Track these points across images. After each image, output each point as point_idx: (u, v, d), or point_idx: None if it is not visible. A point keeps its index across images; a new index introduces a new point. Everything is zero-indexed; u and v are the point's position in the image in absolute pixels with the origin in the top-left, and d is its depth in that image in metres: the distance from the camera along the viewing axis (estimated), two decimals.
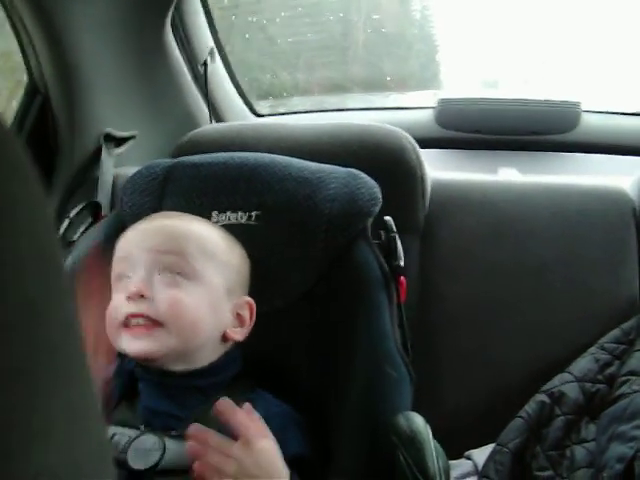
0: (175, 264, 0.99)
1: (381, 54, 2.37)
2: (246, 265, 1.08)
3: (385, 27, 2.31)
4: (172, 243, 1.00)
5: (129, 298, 0.97)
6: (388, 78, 2.35)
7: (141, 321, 0.97)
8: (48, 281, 0.31)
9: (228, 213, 1.14)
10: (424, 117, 2.01)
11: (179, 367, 1.00)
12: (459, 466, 1.22)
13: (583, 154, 1.91)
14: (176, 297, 0.98)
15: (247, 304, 1.05)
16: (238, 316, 1.05)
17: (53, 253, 0.32)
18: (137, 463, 0.94)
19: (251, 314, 1.06)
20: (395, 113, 2.13)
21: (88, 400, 0.34)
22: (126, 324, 0.98)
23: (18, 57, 1.47)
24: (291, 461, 0.94)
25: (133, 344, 0.97)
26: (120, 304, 0.99)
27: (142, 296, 0.97)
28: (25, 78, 1.48)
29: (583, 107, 1.96)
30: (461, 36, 2.37)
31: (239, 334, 1.04)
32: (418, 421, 0.93)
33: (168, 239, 1.00)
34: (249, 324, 1.05)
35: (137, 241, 1.02)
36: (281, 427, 0.96)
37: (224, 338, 1.03)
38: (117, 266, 1.02)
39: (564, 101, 1.98)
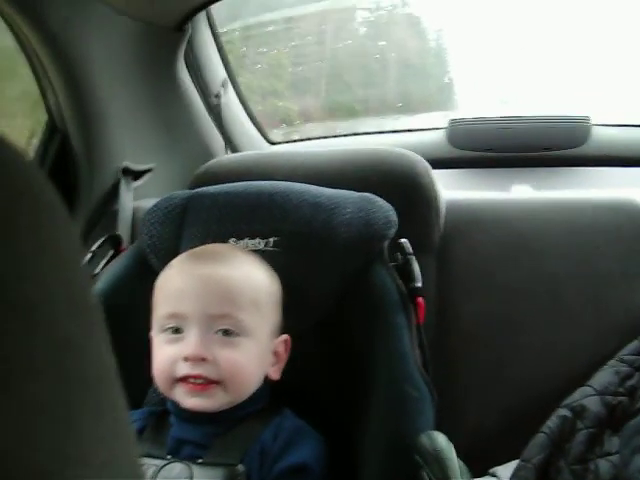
0: (231, 325, 1.00)
1: (392, 79, 2.40)
2: (281, 298, 1.09)
3: (394, 52, 2.34)
4: (226, 305, 1.00)
5: (188, 359, 0.99)
6: (399, 104, 2.38)
7: (199, 380, 0.99)
8: (80, 318, 0.34)
9: (246, 240, 1.16)
10: (436, 138, 2.03)
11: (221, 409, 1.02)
12: None
13: (595, 168, 1.93)
14: (233, 358, 0.99)
15: (284, 341, 1.08)
16: (276, 354, 1.07)
17: (84, 291, 0.34)
18: None
19: (286, 349, 1.08)
20: (407, 135, 2.15)
21: (122, 427, 0.36)
22: (183, 380, 0.99)
23: (37, 97, 1.50)
24: (292, 469, 0.96)
25: (190, 400, 1.00)
26: (174, 360, 1.00)
27: (202, 359, 0.98)
28: (45, 117, 1.52)
29: (593, 121, 1.97)
30: (469, 55, 2.40)
31: (277, 372, 1.07)
32: (441, 440, 0.93)
33: (221, 300, 1.00)
34: (284, 359, 1.08)
35: (189, 298, 1.01)
36: (287, 439, 0.99)
37: (265, 378, 1.06)
38: (166, 320, 1.02)
39: (573, 116, 2.00)
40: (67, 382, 0.31)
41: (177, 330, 1.01)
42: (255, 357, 1.02)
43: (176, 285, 1.04)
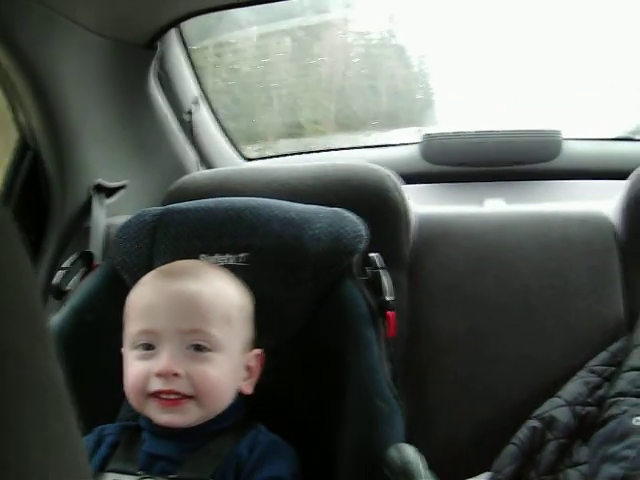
0: (203, 340, 1.00)
1: (365, 95, 2.42)
2: (252, 313, 1.10)
3: (365, 68, 2.36)
4: (197, 321, 1.01)
5: (160, 375, 0.99)
6: (374, 122, 2.39)
7: (172, 396, 0.99)
8: (31, 330, 0.34)
9: (216, 256, 1.16)
10: (410, 153, 2.05)
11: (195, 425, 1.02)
12: None
13: (567, 181, 1.95)
14: (205, 372, 0.99)
15: (256, 356, 1.08)
16: (248, 368, 1.07)
17: (35, 304, 0.35)
18: None
19: (259, 364, 1.08)
20: (381, 150, 2.17)
21: (70, 439, 0.36)
22: (155, 395, 1.00)
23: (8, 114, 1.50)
24: None
25: (163, 416, 1.00)
26: (146, 376, 1.00)
27: (174, 374, 0.98)
28: (15, 135, 1.52)
29: (564, 135, 2.00)
30: (441, 71, 2.42)
31: (249, 386, 1.07)
32: (409, 452, 0.94)
33: (193, 316, 1.01)
34: (257, 374, 1.08)
35: (160, 314, 1.01)
36: (262, 454, 0.99)
37: (237, 392, 1.06)
38: (138, 336, 1.03)
39: (545, 130, 2.03)
40: (7, 390, 0.32)
41: (149, 347, 1.02)
42: (227, 371, 1.02)
43: (147, 302, 1.05)
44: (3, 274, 0.33)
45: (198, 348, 1.00)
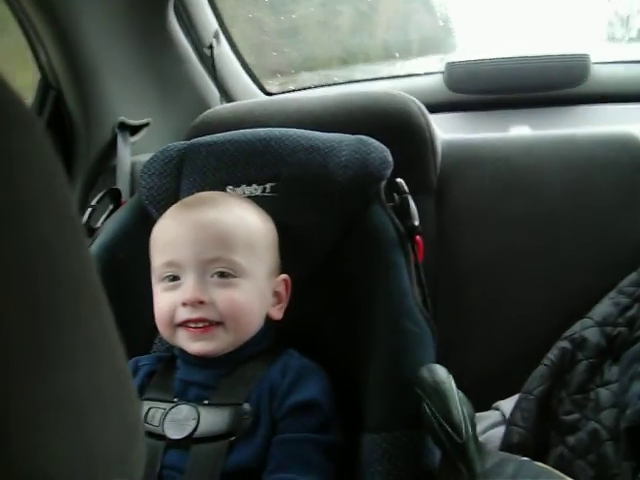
0: (226, 267, 1.01)
1: (385, 24, 2.37)
2: (276, 239, 1.10)
3: None
4: (219, 248, 1.01)
5: (186, 304, 1.00)
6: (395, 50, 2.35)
7: (200, 324, 1.00)
8: (63, 225, 0.34)
9: (243, 187, 1.16)
10: (433, 82, 2.02)
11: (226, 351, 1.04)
12: (488, 417, 1.25)
13: (595, 105, 1.91)
14: (232, 297, 1.01)
15: (283, 281, 1.09)
16: (276, 294, 1.08)
17: (66, 201, 0.35)
18: (174, 433, 0.98)
19: (287, 289, 1.09)
20: (404, 81, 2.13)
21: (108, 333, 0.37)
22: (184, 325, 1.01)
23: (29, 54, 1.50)
24: (302, 404, 0.98)
25: (193, 345, 1.01)
26: (174, 306, 1.01)
27: (200, 302, 1.00)
28: (37, 74, 1.52)
29: (592, 59, 1.95)
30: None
31: (278, 311, 1.08)
32: (441, 372, 0.95)
33: (215, 244, 1.02)
34: (285, 299, 1.09)
35: (183, 244, 1.03)
36: (295, 377, 1.01)
37: (267, 317, 1.07)
38: (163, 269, 1.04)
39: (572, 54, 1.98)
40: (38, 286, 0.32)
41: (174, 278, 1.03)
42: (254, 296, 1.03)
43: (169, 234, 1.06)
44: (31, 166, 0.33)
45: (222, 275, 1.01)
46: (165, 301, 1.03)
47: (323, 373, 1.04)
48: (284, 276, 1.09)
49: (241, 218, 1.06)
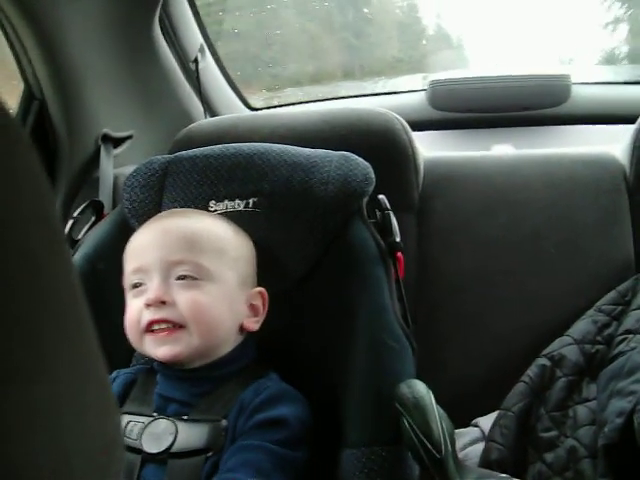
0: (189, 270, 1.01)
1: (370, 41, 2.39)
2: (254, 255, 1.11)
3: (371, 14, 2.32)
4: (184, 251, 1.02)
5: (149, 305, 1.00)
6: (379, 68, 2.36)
7: (164, 326, 1.00)
8: (50, 240, 0.34)
9: (226, 202, 1.17)
10: (417, 100, 2.03)
11: (200, 363, 1.03)
12: (467, 434, 1.25)
13: (576, 126, 1.93)
14: (195, 299, 1.00)
15: (259, 294, 1.08)
16: (252, 306, 1.08)
17: (53, 216, 0.35)
18: (151, 447, 0.98)
19: (264, 303, 1.09)
20: (388, 98, 2.15)
21: (91, 346, 0.37)
22: (149, 329, 1.01)
23: (13, 65, 1.49)
24: (270, 421, 0.97)
25: (159, 349, 1.01)
26: (140, 311, 1.01)
27: (162, 302, 1.00)
28: (21, 85, 1.51)
29: (573, 79, 1.97)
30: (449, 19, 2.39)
31: (254, 323, 1.08)
32: (420, 387, 0.95)
33: (180, 247, 1.02)
34: (263, 313, 1.09)
35: (149, 250, 1.03)
36: (268, 397, 0.99)
37: (241, 330, 1.07)
38: (131, 276, 1.05)
39: (554, 75, 2.01)
40: (23, 299, 0.32)
41: (142, 284, 1.03)
42: (220, 302, 1.02)
43: (138, 241, 1.07)
44: (18, 182, 0.33)
45: (186, 278, 1.01)
46: (133, 307, 1.03)
47: (300, 399, 1.02)
48: (260, 289, 1.09)
49: (210, 226, 1.08)
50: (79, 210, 1.30)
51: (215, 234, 1.06)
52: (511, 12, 2.27)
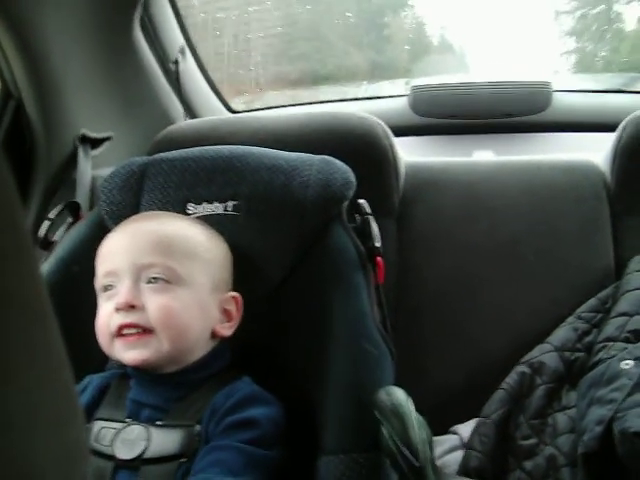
0: (160, 273, 1.00)
1: (352, 45, 2.39)
2: (229, 259, 1.09)
3: (356, 17, 2.32)
4: (155, 254, 1.01)
5: (118, 309, 0.99)
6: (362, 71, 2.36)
7: (133, 330, 0.99)
8: (15, 244, 0.33)
9: (204, 204, 1.15)
10: (399, 105, 2.03)
11: (172, 368, 1.02)
12: (446, 441, 1.24)
13: (556, 133, 1.94)
14: (165, 304, 0.99)
15: (233, 299, 1.07)
16: (225, 311, 1.06)
17: (19, 220, 0.34)
18: (124, 453, 0.96)
19: (238, 308, 1.07)
20: (370, 103, 2.15)
21: (53, 349, 0.35)
22: (119, 334, 0.99)
23: None
24: (240, 422, 0.96)
25: (128, 353, 0.99)
26: (110, 315, 1.00)
27: (132, 306, 0.98)
28: None
29: (554, 87, 1.98)
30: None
31: (227, 329, 1.06)
32: (399, 394, 0.94)
33: (151, 250, 1.01)
34: (236, 318, 1.07)
35: (120, 252, 1.02)
36: (239, 400, 0.98)
37: (213, 335, 1.05)
38: (102, 279, 1.03)
39: (535, 82, 2.01)
40: None
41: (112, 287, 1.02)
42: (191, 306, 1.01)
43: (110, 244, 1.06)
44: None
45: (157, 281, 1.00)
46: (103, 311, 1.02)
47: (273, 401, 1.01)
48: (233, 293, 1.07)
49: (182, 229, 1.06)
50: (56, 211, 1.28)
51: (187, 237, 1.05)
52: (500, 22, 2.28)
